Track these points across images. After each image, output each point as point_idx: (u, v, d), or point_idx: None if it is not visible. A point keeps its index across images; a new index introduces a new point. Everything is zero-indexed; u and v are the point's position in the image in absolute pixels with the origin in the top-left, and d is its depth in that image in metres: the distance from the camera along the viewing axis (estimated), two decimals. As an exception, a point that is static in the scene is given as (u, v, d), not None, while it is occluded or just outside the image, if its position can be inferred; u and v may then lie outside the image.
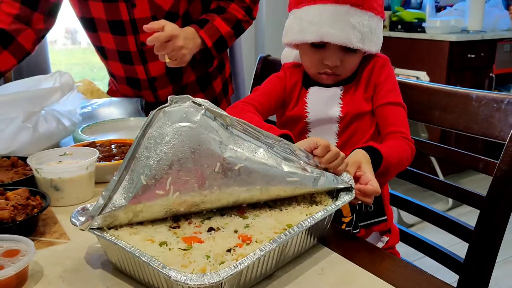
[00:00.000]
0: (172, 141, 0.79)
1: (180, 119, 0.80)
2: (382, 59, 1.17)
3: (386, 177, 1.07)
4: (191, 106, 0.81)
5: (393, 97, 1.13)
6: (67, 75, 1.41)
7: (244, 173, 0.82)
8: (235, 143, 0.82)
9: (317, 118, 1.17)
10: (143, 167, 0.78)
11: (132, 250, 0.71)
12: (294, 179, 0.85)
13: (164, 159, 0.78)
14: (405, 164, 1.09)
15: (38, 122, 1.32)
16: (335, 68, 1.11)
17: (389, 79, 1.15)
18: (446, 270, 1.13)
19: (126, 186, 0.78)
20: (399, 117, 1.12)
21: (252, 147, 0.84)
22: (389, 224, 1.16)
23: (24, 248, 0.80)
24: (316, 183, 0.87)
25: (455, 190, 1.15)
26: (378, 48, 1.14)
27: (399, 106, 1.13)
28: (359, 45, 1.08)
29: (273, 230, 0.80)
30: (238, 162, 0.81)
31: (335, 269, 0.81)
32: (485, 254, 1.04)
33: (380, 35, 1.14)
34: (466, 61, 3.28)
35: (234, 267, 0.67)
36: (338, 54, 1.10)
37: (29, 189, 1.01)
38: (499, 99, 1.04)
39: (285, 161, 0.85)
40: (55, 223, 1.00)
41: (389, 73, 1.16)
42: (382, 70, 1.15)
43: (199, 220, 0.85)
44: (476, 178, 3.32)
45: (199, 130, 0.79)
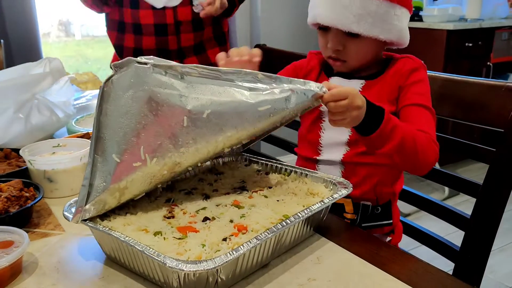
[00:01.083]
0: (131, 111, 0.76)
1: (130, 86, 0.76)
2: (415, 62, 1.09)
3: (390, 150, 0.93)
4: (137, 68, 0.77)
5: (420, 100, 1.03)
6: (56, 61, 1.39)
7: (214, 118, 0.79)
8: (195, 91, 0.79)
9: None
10: (111, 145, 0.76)
11: (127, 240, 0.70)
12: (265, 107, 0.81)
13: (129, 131, 0.76)
14: (418, 151, 0.95)
15: (30, 113, 1.31)
16: (337, 52, 1.07)
17: (419, 84, 1.06)
18: (442, 259, 1.13)
19: (101, 168, 0.77)
20: (425, 119, 1.01)
21: (214, 89, 0.80)
22: (394, 225, 1.15)
23: (18, 239, 0.80)
24: (289, 103, 0.82)
25: (451, 179, 1.15)
26: (391, 37, 1.05)
27: (427, 109, 1.03)
28: (354, 28, 1.02)
29: (269, 220, 0.80)
30: (205, 109, 0.78)
31: (332, 258, 0.81)
32: (481, 242, 1.04)
33: (396, 22, 1.04)
34: (463, 50, 3.26)
35: (230, 255, 0.67)
36: (340, 38, 1.05)
37: (23, 180, 1.00)
38: (497, 87, 1.04)
39: (251, 92, 0.82)
40: (49, 214, 0.99)
41: (421, 79, 1.06)
42: (411, 73, 1.06)
43: (194, 210, 0.85)
44: (472, 167, 3.33)
45: (154, 90, 0.77)
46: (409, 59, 1.10)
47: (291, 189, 0.92)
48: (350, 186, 0.90)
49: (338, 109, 0.84)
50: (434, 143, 0.98)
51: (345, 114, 0.85)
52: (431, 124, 1.02)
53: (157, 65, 0.78)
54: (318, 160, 1.16)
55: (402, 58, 1.11)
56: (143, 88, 0.77)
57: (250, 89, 0.82)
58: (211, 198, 0.90)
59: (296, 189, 0.92)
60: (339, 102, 0.83)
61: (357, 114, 0.86)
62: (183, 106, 0.77)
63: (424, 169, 0.99)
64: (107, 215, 0.83)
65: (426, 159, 0.97)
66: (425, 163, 0.97)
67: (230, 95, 0.80)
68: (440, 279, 0.73)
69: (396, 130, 0.91)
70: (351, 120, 0.86)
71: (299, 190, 0.92)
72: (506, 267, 2.26)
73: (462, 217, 1.09)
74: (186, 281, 0.68)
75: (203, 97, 0.79)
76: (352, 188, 0.90)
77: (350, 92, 0.84)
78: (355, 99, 0.84)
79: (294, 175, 0.99)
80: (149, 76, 0.77)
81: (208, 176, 1.02)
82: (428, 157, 0.97)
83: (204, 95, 0.79)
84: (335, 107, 0.84)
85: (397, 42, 1.07)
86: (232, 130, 0.81)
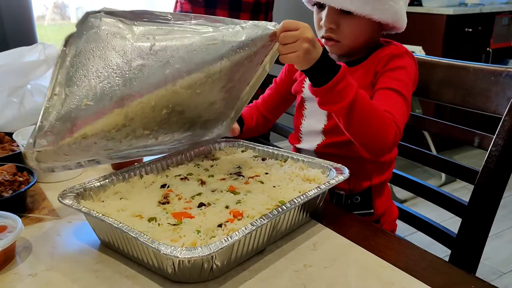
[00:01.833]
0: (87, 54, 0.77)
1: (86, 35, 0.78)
2: (398, 49, 1.06)
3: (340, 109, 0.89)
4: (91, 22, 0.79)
5: (395, 85, 0.99)
6: (51, 47, 1.37)
7: (160, 51, 0.81)
8: (143, 32, 0.81)
9: (310, 95, 1.12)
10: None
11: (120, 226, 0.69)
12: (214, 41, 0.83)
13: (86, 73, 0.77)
14: (373, 123, 0.90)
15: (24, 97, 1.29)
16: (330, 31, 1.04)
17: (398, 70, 1.01)
18: (438, 245, 1.13)
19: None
20: (394, 103, 0.97)
21: (163, 29, 0.83)
22: (382, 219, 1.14)
23: (11, 225, 0.79)
24: (240, 36, 0.85)
25: (449, 165, 1.14)
26: (386, 17, 1.01)
27: (399, 95, 0.98)
28: (347, 5, 0.99)
29: (265, 206, 0.79)
30: (151, 44, 0.80)
31: (327, 244, 0.80)
32: (478, 229, 1.04)
33: (391, 2, 1.00)
34: (463, 35, 3.24)
35: (225, 241, 0.66)
36: (334, 16, 1.03)
37: (16, 165, 0.99)
38: (497, 72, 1.02)
39: (200, 30, 0.84)
40: (44, 199, 0.98)
41: (401, 65, 1.02)
42: (391, 60, 1.03)
43: (189, 196, 0.84)
44: (469, 154, 3.33)
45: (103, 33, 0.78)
46: (393, 45, 1.08)
47: (287, 175, 0.92)
48: (347, 171, 0.89)
49: (288, 40, 0.84)
50: (395, 125, 0.92)
51: (296, 46, 0.84)
52: (400, 110, 0.96)
53: (107, 13, 0.80)
54: (299, 149, 1.16)
55: (388, 45, 1.09)
56: (96, 31, 0.78)
57: (199, 29, 0.84)
58: (207, 183, 0.89)
59: (292, 175, 0.92)
60: (288, 32, 0.84)
61: (308, 47, 0.84)
62: (130, 43, 0.79)
63: (379, 149, 0.94)
64: (101, 200, 0.83)
65: (383, 137, 0.91)
66: (380, 141, 0.91)
67: (178, 32, 0.83)
68: (437, 266, 0.73)
69: (350, 89, 0.88)
70: (302, 54, 0.84)
71: (296, 176, 0.91)
72: (501, 254, 2.28)
73: (459, 203, 1.09)
74: (181, 267, 0.67)
75: (150, 36, 0.81)
76: (349, 174, 0.89)
77: (302, 24, 0.84)
78: (306, 31, 0.84)
79: (290, 161, 0.98)
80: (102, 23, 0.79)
81: (204, 161, 1.01)
82: (387, 134, 0.91)
83: (151, 35, 0.81)
84: (285, 37, 0.84)
85: (393, 24, 1.04)
86: (180, 62, 0.82)
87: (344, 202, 1.10)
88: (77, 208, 0.76)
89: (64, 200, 0.79)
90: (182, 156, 1.01)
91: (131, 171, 0.92)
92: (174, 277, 0.69)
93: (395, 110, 0.95)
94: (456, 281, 0.71)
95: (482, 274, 2.12)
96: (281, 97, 1.24)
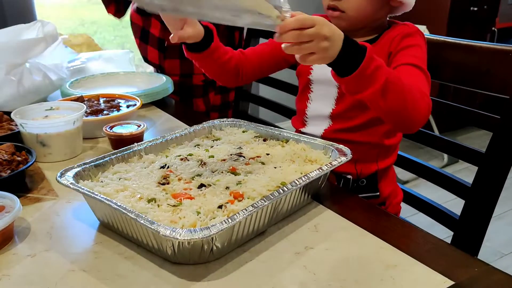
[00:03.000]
0: None
1: None
2: (410, 28, 1.02)
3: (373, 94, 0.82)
4: None
5: (414, 60, 0.95)
6: (50, 25, 1.35)
7: None
8: None
9: (319, 78, 1.10)
10: None
11: (119, 207, 0.68)
12: None
13: None
14: (407, 99, 0.84)
15: (23, 76, 1.27)
16: (336, 1, 1.01)
17: (413, 48, 0.98)
18: (440, 226, 1.12)
19: None
20: (417, 77, 0.92)
21: None
22: (388, 201, 1.13)
23: (9, 204, 0.78)
24: None
25: (452, 146, 1.12)
26: None
27: (420, 69, 0.94)
28: None
29: (266, 187, 0.78)
30: None
31: (329, 226, 0.79)
32: (481, 211, 1.03)
33: None
34: (468, 14, 3.19)
35: (225, 222, 0.65)
36: None
37: (15, 144, 0.98)
38: (503, 52, 1.00)
39: None
40: (43, 179, 0.97)
41: (415, 43, 0.99)
42: (404, 38, 1.00)
43: (189, 177, 0.83)
44: (473, 135, 3.31)
45: None
46: (405, 25, 1.04)
47: (289, 156, 0.90)
48: (350, 153, 0.88)
49: (303, 38, 0.73)
50: (426, 96, 0.88)
51: (313, 47, 0.74)
52: (424, 83, 0.92)
53: None
54: (303, 133, 1.13)
55: (398, 25, 1.06)
56: None
57: None
58: (207, 164, 0.88)
59: (294, 156, 0.90)
60: (304, 30, 0.73)
61: (327, 46, 0.75)
62: None
63: (416, 123, 0.89)
64: (100, 180, 0.82)
65: (417, 111, 0.86)
66: (416, 115, 0.87)
67: None
68: (440, 248, 0.72)
69: (380, 71, 0.80)
70: (322, 54, 0.76)
71: (297, 157, 0.90)
72: (503, 235, 2.28)
73: (462, 185, 1.07)
74: (181, 249, 0.67)
75: None
76: (351, 155, 0.87)
77: (318, 20, 0.74)
78: (322, 28, 0.74)
79: (292, 142, 0.96)
80: None
81: (204, 142, 1.00)
82: (420, 108, 0.86)
83: None
84: (300, 35, 0.73)
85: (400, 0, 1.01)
86: None
87: (351, 186, 1.09)
88: (76, 188, 0.75)
89: (62, 180, 0.78)
90: (182, 136, 0.99)
91: (130, 151, 0.91)
92: (173, 259, 0.69)
93: (420, 82, 0.91)
94: (459, 264, 0.70)
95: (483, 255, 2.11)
96: (273, 57, 1.16)
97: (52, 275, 0.67)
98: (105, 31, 4.12)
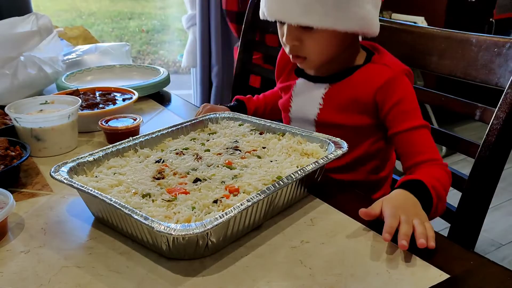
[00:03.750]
0: None
1: None
2: (394, 71, 0.96)
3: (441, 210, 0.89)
4: None
5: (413, 119, 0.94)
6: (45, 17, 1.33)
7: None
8: None
9: (297, 116, 1.07)
10: None
11: (113, 202, 0.68)
12: None
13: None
14: (447, 192, 0.90)
15: (17, 69, 1.26)
16: (294, 48, 0.97)
17: (406, 98, 0.95)
18: (437, 218, 1.12)
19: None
20: (426, 142, 0.94)
21: None
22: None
23: (2, 200, 0.78)
24: None
25: (450, 138, 1.12)
26: (352, 26, 0.92)
27: (423, 128, 0.95)
28: (303, 20, 0.91)
29: (262, 181, 0.77)
30: None
31: (326, 220, 0.79)
32: (478, 202, 1.03)
33: (355, 9, 0.91)
34: (465, 5, 3.17)
35: (220, 217, 0.65)
36: (295, 32, 0.95)
37: (8, 139, 0.97)
38: (501, 43, 0.99)
39: None
40: (37, 174, 0.97)
41: (405, 91, 0.96)
42: (393, 87, 0.95)
43: (184, 171, 0.82)
44: (469, 126, 3.30)
45: None
46: (386, 67, 0.97)
47: (285, 149, 0.90)
48: (345, 146, 0.87)
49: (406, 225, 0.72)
50: (446, 169, 0.92)
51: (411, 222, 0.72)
52: (432, 144, 0.95)
53: None
54: None
55: (377, 65, 0.99)
56: None
57: None
58: (203, 158, 0.87)
59: (290, 149, 0.90)
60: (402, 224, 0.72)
61: (415, 211, 0.76)
62: None
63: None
64: (94, 175, 0.81)
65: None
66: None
67: None
68: (437, 242, 0.71)
69: (440, 204, 0.86)
70: (419, 219, 0.73)
71: (294, 151, 0.89)
72: (500, 226, 2.28)
73: (459, 177, 1.07)
74: (176, 244, 0.66)
75: None
76: (347, 148, 0.87)
77: (395, 209, 0.74)
78: (408, 218, 0.73)
79: (288, 135, 0.96)
80: None
81: (200, 135, 0.99)
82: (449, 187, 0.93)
83: None
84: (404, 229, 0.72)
85: (362, 31, 0.95)
86: None
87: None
88: (70, 183, 0.75)
89: (56, 175, 0.77)
90: (178, 130, 0.99)
91: (126, 145, 0.90)
92: (168, 254, 0.68)
93: (431, 149, 0.93)
94: (455, 257, 0.70)
95: (480, 246, 2.13)
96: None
97: (46, 272, 0.67)
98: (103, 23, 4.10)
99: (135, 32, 4.10)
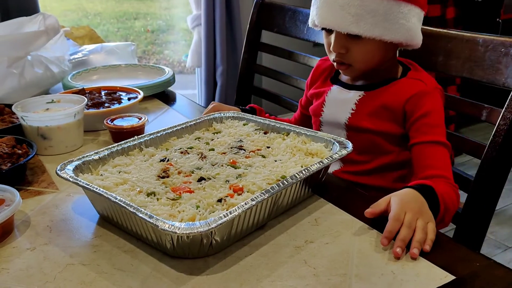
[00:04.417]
0: None
1: None
2: (428, 86, 0.99)
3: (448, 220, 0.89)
4: None
5: (436, 135, 0.95)
6: (52, 18, 1.34)
7: None
8: None
9: (328, 120, 1.10)
10: None
11: (118, 200, 0.68)
12: None
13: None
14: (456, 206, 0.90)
15: (24, 68, 1.27)
16: (341, 55, 1.00)
17: (434, 113, 0.97)
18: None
19: None
20: (442, 159, 0.94)
21: None
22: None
23: (9, 198, 0.78)
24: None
25: (456, 139, 1.12)
26: (398, 37, 0.96)
27: (442, 146, 0.95)
28: (353, 29, 0.94)
29: (266, 181, 0.77)
30: None
31: (330, 220, 0.79)
32: (484, 204, 1.02)
33: (402, 21, 0.95)
34: (472, 5, 3.16)
35: (224, 216, 0.65)
36: (342, 40, 0.99)
37: (15, 137, 0.98)
38: (508, 43, 0.99)
39: None
40: (43, 172, 0.97)
41: (435, 106, 0.97)
42: (423, 100, 0.97)
43: (189, 170, 0.82)
44: (475, 127, 3.28)
45: None
46: (421, 82, 1.00)
47: (289, 148, 0.90)
48: (350, 145, 0.87)
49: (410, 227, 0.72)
50: (456, 190, 0.92)
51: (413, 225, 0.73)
52: (448, 164, 0.95)
53: None
54: None
55: (413, 79, 1.01)
56: None
57: None
58: (207, 157, 0.87)
59: (294, 149, 0.90)
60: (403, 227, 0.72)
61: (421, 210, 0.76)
62: None
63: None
64: (100, 173, 0.81)
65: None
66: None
67: None
68: (441, 243, 0.71)
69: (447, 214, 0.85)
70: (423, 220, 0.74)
71: (298, 150, 0.89)
72: (507, 228, 2.27)
73: (465, 178, 1.07)
74: (180, 243, 0.66)
75: None
76: (352, 148, 0.87)
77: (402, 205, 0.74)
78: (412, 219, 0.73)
79: (293, 135, 0.96)
80: None
81: (205, 134, 0.99)
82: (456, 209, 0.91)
83: None
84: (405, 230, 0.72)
85: (406, 43, 0.98)
86: None
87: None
88: (75, 181, 0.75)
89: (62, 173, 0.77)
90: (183, 129, 0.99)
91: (131, 144, 0.90)
92: (173, 252, 0.68)
93: (446, 168, 0.93)
94: (460, 258, 0.69)
95: (487, 248, 2.12)
96: (308, 117, 1.20)
97: (51, 269, 0.67)
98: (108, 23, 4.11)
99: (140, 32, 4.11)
